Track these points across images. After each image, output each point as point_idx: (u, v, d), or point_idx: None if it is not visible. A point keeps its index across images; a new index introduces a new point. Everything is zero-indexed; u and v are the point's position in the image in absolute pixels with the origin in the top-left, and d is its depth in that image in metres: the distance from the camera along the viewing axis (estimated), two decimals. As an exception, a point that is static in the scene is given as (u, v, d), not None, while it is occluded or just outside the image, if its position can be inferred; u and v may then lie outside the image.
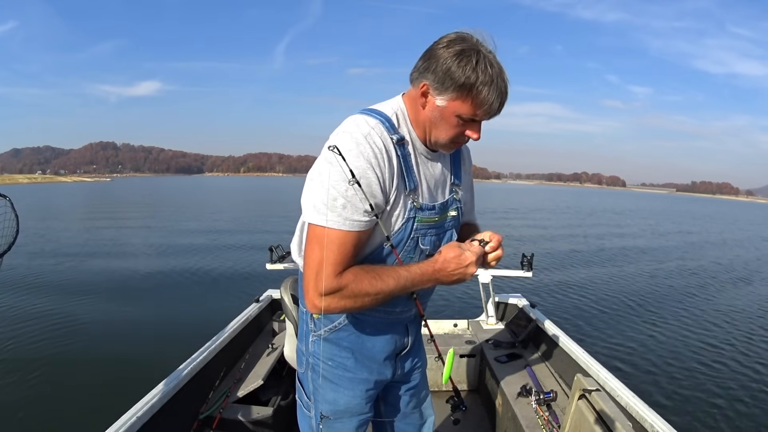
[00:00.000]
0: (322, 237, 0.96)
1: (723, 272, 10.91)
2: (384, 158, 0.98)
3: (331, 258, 0.96)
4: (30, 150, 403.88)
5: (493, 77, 0.94)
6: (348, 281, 0.97)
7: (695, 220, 31.22)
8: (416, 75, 1.01)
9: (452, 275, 1.01)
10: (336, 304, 0.97)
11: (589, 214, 30.21)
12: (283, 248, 2.98)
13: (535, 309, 2.92)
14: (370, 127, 0.99)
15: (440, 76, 0.95)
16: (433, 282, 1.03)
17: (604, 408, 1.45)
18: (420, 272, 1.01)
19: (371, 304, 1.00)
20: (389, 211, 1.02)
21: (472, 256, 1.01)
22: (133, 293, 7.28)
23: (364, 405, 1.21)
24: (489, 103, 0.97)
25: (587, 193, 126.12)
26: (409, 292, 1.05)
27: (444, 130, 1.02)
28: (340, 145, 0.96)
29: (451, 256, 1.00)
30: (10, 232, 1.32)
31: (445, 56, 0.95)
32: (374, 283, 0.98)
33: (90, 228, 16.69)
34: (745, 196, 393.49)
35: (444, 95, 0.97)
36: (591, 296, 7.68)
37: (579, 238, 16.32)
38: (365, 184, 0.95)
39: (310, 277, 0.97)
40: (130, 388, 2.19)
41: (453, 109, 0.98)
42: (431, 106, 1.00)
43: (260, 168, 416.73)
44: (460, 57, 0.94)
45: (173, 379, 1.90)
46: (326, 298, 0.96)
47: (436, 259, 1.02)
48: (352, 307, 1.00)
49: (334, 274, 0.96)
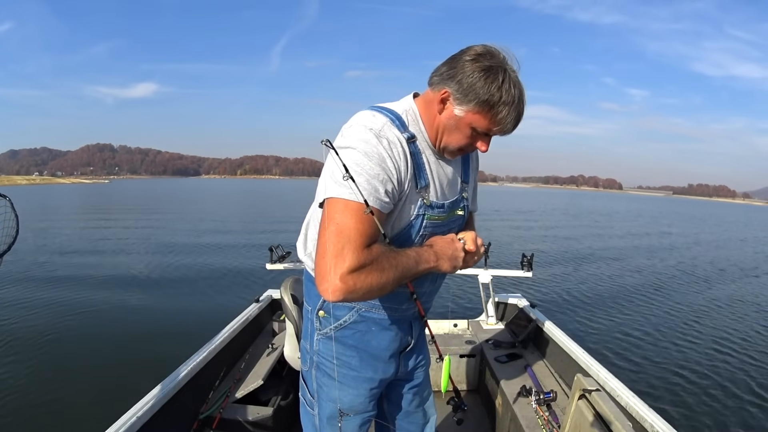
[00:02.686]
0: (346, 209, 0.92)
1: (721, 272, 10.95)
2: (399, 152, 0.98)
3: (360, 229, 0.91)
4: (27, 151, 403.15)
5: (514, 98, 0.97)
6: (377, 253, 0.92)
7: (685, 222, 31.38)
8: (438, 80, 1.02)
9: (445, 253, 1.05)
10: (363, 281, 0.89)
11: (575, 216, 30.35)
12: (283, 248, 2.98)
13: (535, 309, 2.92)
14: (382, 123, 0.99)
15: (464, 88, 0.97)
16: (434, 259, 1.03)
17: (604, 408, 1.46)
18: (421, 252, 1.03)
19: (394, 281, 0.94)
20: (400, 206, 1.02)
21: (457, 243, 1.08)
22: (133, 293, 7.25)
23: (368, 403, 1.22)
24: (506, 122, 0.99)
25: (582, 195, 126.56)
26: (417, 274, 1.02)
27: (456, 138, 1.04)
28: (357, 133, 0.96)
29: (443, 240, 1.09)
30: (10, 233, 1.32)
31: (472, 69, 0.96)
32: (396, 257, 0.96)
33: (90, 228, 16.65)
34: (742, 198, 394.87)
35: (464, 106, 0.99)
36: (591, 296, 7.69)
37: (569, 239, 16.37)
38: (385, 168, 0.95)
39: (334, 253, 0.89)
40: (130, 388, 2.19)
41: (470, 120, 1.00)
42: (449, 114, 1.01)
43: (257, 170, 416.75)
44: (488, 73, 0.95)
45: (173, 379, 1.90)
46: (352, 275, 0.88)
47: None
48: (377, 284, 0.91)
49: (363, 246, 0.90)
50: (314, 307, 1.17)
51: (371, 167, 0.94)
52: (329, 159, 0.99)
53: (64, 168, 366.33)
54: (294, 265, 2.92)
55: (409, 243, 1.07)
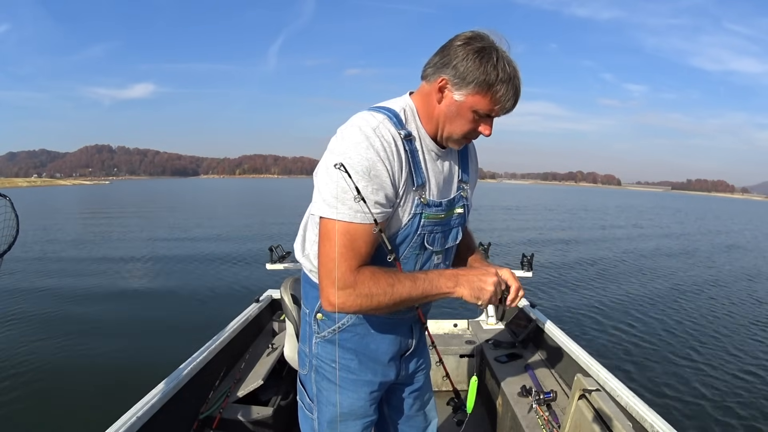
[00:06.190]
0: (334, 231, 0.95)
1: (721, 272, 10.95)
2: (393, 151, 0.98)
3: (345, 252, 0.94)
4: (26, 153, 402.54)
5: (510, 76, 0.98)
6: (365, 278, 0.95)
7: (688, 219, 31.37)
8: (432, 70, 1.02)
9: (472, 282, 1.00)
10: (352, 301, 0.94)
11: (574, 214, 30.32)
12: (283, 248, 2.97)
13: (535, 309, 2.92)
14: (378, 121, 0.99)
15: (461, 72, 0.97)
16: (453, 283, 0.99)
17: (604, 408, 1.45)
18: (438, 274, 1.00)
19: (387, 304, 0.96)
20: (397, 205, 1.02)
21: (493, 278, 1.00)
22: (133, 293, 7.26)
23: (368, 407, 1.20)
24: (506, 100, 1.00)
25: (580, 191, 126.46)
26: (425, 299, 1.01)
27: (459, 125, 1.04)
28: (349, 137, 0.96)
29: (479, 267, 1.06)
30: (9, 233, 1.31)
31: (465, 53, 0.97)
32: (392, 282, 0.96)
33: (91, 228, 16.64)
34: (740, 193, 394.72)
35: (462, 90, 0.99)
36: (591, 296, 7.69)
37: (569, 239, 16.36)
38: (375, 176, 0.95)
39: (325, 273, 0.96)
40: (130, 388, 2.19)
41: (470, 104, 1.00)
42: (448, 101, 1.02)
43: (255, 170, 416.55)
44: (481, 54, 0.96)
45: (173, 379, 1.89)
46: (342, 293, 0.93)
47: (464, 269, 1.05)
48: (368, 307, 0.96)
49: (350, 269, 0.94)
50: (312, 309, 1.16)
51: (358, 180, 0.93)
52: (323, 165, 0.99)
53: (63, 170, 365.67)
54: (294, 265, 2.91)
55: (408, 241, 1.06)
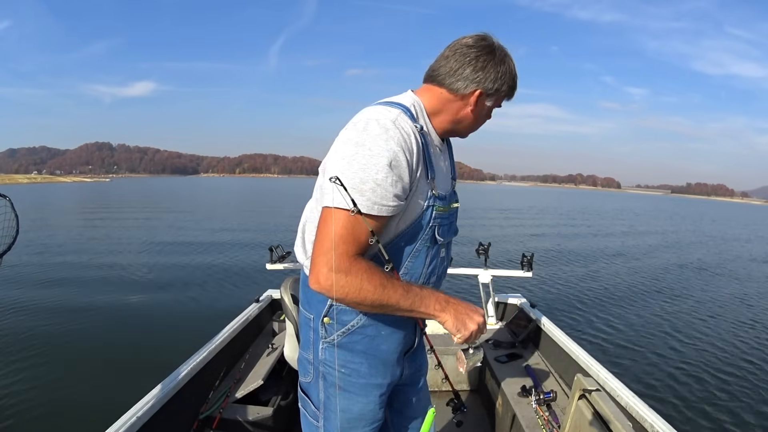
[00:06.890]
0: (345, 217, 0.93)
1: (722, 272, 10.97)
2: (412, 143, 0.99)
3: (345, 235, 0.93)
4: (26, 150, 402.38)
5: (515, 74, 1.11)
6: (360, 268, 0.94)
7: (689, 221, 31.40)
8: (462, 84, 1.07)
9: (459, 313, 1.03)
10: (340, 287, 0.93)
11: (573, 216, 30.34)
12: (283, 248, 2.98)
13: (535, 309, 2.92)
14: (396, 114, 0.99)
15: (498, 83, 1.08)
16: (441, 307, 1.02)
17: (604, 408, 1.46)
18: (431, 293, 1.01)
19: (371, 303, 0.96)
20: (410, 196, 1.01)
21: (480, 318, 1.06)
22: (133, 293, 7.24)
23: (377, 411, 1.16)
24: (514, 92, 1.14)
25: (579, 194, 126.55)
26: (410, 314, 1.01)
27: (481, 122, 1.17)
28: (369, 129, 0.96)
29: (469, 303, 1.08)
30: (9, 233, 1.31)
31: (495, 63, 1.06)
32: (384, 284, 0.95)
33: (90, 227, 16.63)
34: (740, 197, 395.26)
35: (494, 96, 1.11)
36: (591, 296, 7.69)
37: (570, 238, 16.38)
38: (396, 167, 0.95)
39: (321, 251, 0.94)
40: (129, 388, 2.19)
41: (495, 104, 1.14)
42: (480, 107, 1.11)
43: (255, 169, 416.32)
44: (503, 62, 1.07)
45: (173, 379, 1.89)
46: (333, 276, 0.92)
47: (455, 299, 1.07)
48: (353, 298, 0.95)
49: (347, 253, 0.94)
50: (318, 314, 1.10)
51: (378, 171, 0.93)
52: (338, 155, 0.97)
53: (63, 167, 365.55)
54: (294, 265, 2.92)
55: (421, 234, 1.06)
